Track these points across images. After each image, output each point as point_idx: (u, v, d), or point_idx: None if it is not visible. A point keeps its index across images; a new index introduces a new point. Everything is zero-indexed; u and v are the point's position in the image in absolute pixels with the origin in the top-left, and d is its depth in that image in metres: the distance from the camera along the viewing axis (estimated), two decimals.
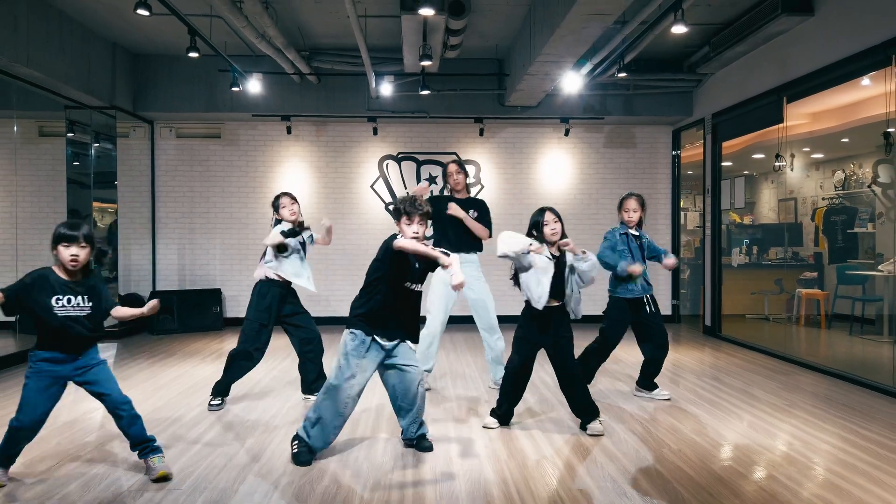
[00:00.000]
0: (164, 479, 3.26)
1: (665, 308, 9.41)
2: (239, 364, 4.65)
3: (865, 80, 5.90)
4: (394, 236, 3.54)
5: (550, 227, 4.00)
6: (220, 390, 4.72)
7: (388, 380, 3.72)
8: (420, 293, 3.68)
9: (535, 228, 4.05)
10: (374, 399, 4.73)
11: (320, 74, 8.39)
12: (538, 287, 3.91)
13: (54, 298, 3.14)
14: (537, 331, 4.05)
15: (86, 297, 3.23)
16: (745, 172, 9.75)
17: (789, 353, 6.64)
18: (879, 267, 7.45)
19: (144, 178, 8.95)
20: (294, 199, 4.82)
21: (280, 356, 6.45)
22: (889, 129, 5.35)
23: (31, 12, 6.28)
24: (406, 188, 9.15)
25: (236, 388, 4.90)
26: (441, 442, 3.89)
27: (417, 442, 3.77)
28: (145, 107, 8.51)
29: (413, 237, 3.51)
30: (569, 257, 4.03)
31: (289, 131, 8.90)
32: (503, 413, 4.21)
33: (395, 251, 3.48)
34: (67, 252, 3.15)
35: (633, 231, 4.89)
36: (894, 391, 5.04)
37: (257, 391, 5.21)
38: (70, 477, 3.34)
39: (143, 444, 3.34)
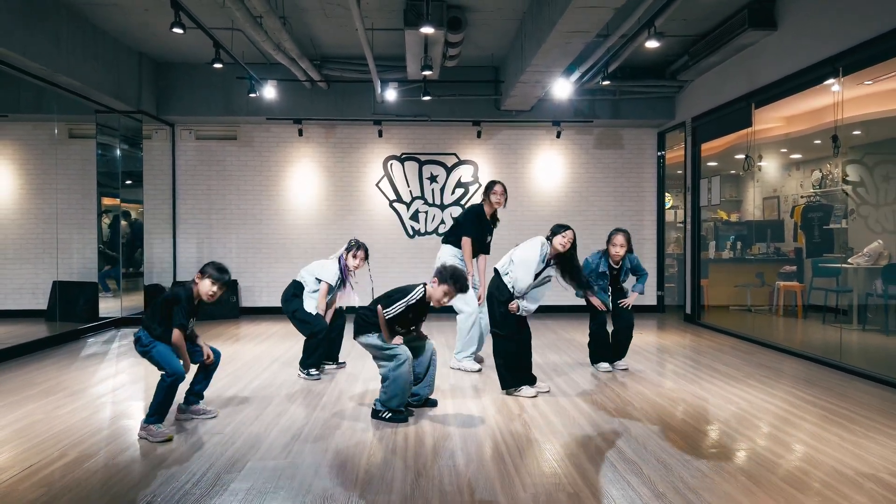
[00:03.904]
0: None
1: (651, 298, 10.06)
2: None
3: (836, 87, 6.50)
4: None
5: (565, 240, 4.67)
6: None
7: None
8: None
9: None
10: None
11: (330, 81, 9.06)
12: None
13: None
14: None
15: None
16: (732, 171, 10.37)
17: (759, 337, 7.28)
18: (849, 260, 8.06)
19: (166, 177, 9.63)
20: (363, 256, 5.52)
21: (292, 341, 7.11)
22: (856, 132, 5.96)
23: (71, 26, 6.95)
24: (409, 186, 9.81)
25: (255, 364, 5.55)
26: (439, 402, 4.55)
27: (425, 402, 4.43)
28: (167, 111, 9.19)
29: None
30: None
31: (300, 133, 9.58)
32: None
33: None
34: (212, 289, 3.90)
35: (613, 264, 5.62)
36: (841, 365, 5.69)
37: (278, 365, 5.88)
38: (127, 427, 4.02)
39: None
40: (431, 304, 4.23)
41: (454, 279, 4.17)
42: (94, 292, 8.37)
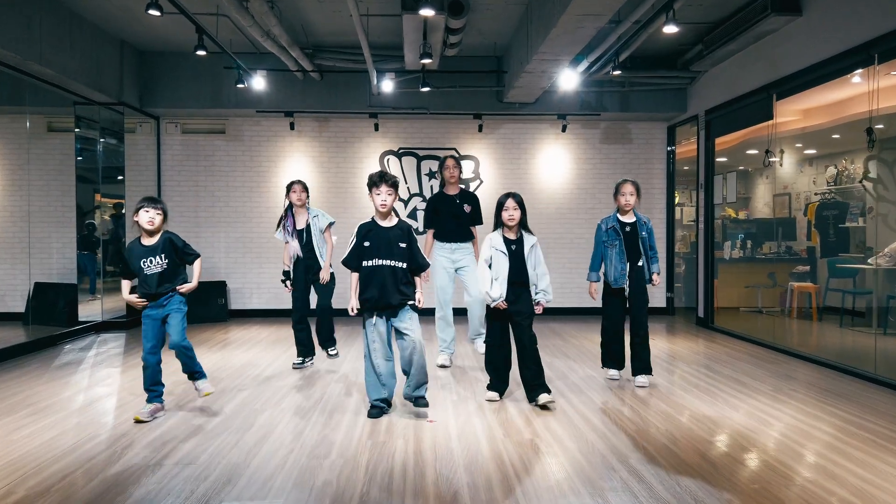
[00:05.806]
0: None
1: (660, 300, 9.62)
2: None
3: (856, 78, 6.06)
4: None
5: (509, 213, 4.42)
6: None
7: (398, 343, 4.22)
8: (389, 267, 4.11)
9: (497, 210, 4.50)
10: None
11: (323, 71, 8.58)
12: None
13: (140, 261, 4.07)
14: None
15: (163, 255, 4.00)
16: (741, 167, 9.94)
17: (777, 343, 6.85)
18: (869, 260, 7.65)
19: (150, 173, 9.15)
20: (304, 187, 5.60)
21: (281, 348, 6.66)
22: (879, 126, 5.54)
23: (44, 11, 6.46)
24: (406, 182, 9.36)
25: (241, 375, 5.10)
26: (440, 419, 4.11)
27: (416, 400, 4.19)
28: (152, 103, 8.70)
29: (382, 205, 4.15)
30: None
31: (292, 127, 9.10)
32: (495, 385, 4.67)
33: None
34: (144, 216, 4.08)
35: (624, 219, 5.06)
36: (877, 378, 5.25)
37: (265, 376, 5.43)
38: (90, 454, 3.56)
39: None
40: (382, 216, 4.18)
41: (371, 182, 4.19)
42: (74, 294, 7.90)
